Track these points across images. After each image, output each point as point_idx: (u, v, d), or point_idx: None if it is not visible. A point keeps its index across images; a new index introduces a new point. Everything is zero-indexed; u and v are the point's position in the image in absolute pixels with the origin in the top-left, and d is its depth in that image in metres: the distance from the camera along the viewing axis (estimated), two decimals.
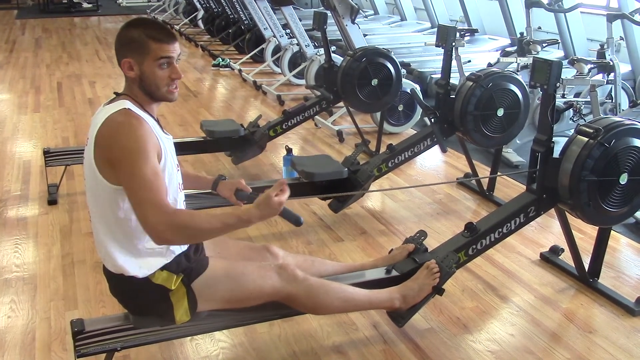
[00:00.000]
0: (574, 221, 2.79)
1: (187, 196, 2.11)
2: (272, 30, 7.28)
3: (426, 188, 4.01)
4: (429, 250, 2.55)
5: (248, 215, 1.83)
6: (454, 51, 4.05)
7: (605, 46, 4.46)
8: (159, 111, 2.01)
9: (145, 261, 1.90)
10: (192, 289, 1.96)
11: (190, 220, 1.77)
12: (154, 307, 1.97)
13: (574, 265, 2.87)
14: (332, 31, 6.02)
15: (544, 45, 5.17)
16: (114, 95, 1.94)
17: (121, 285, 1.96)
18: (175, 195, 1.93)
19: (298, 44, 6.51)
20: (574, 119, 4.53)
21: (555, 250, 3.07)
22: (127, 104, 1.84)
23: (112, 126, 1.79)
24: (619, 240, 3.29)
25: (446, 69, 3.74)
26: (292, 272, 2.09)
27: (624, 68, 5.02)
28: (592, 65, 4.31)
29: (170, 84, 1.90)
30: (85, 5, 15.13)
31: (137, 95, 1.90)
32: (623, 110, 4.33)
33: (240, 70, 7.55)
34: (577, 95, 4.96)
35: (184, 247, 1.99)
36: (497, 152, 3.85)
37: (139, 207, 1.74)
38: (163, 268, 1.92)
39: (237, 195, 2.11)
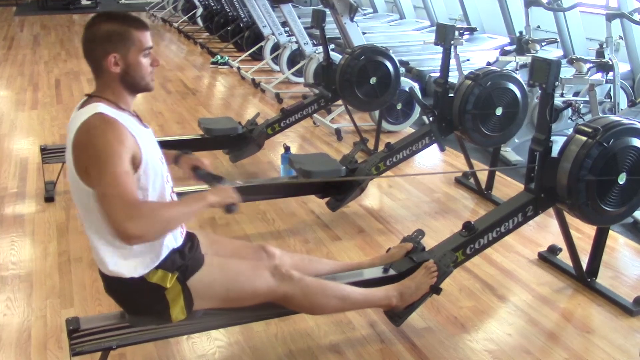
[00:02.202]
0: (572, 220, 2.79)
1: (179, 194, 2.09)
2: (270, 28, 7.28)
3: (424, 187, 4.00)
4: (426, 250, 2.55)
5: (202, 195, 1.87)
6: (452, 50, 4.04)
7: (604, 45, 4.46)
8: (157, 109, 1.99)
9: (139, 260, 1.88)
10: (188, 287, 1.94)
11: (152, 210, 1.73)
12: (150, 307, 1.96)
13: (572, 265, 2.86)
14: (331, 29, 6.01)
15: (543, 44, 5.18)
16: (86, 97, 1.88)
17: (116, 285, 1.94)
18: (162, 188, 1.90)
19: (297, 42, 6.50)
20: (573, 118, 4.53)
21: (553, 250, 3.06)
22: (99, 107, 1.78)
23: (85, 132, 1.74)
24: (617, 240, 3.28)
25: (445, 68, 3.73)
26: (287, 272, 2.08)
27: (622, 67, 5.01)
28: (591, 65, 4.31)
29: (151, 73, 1.89)
30: (84, 2, 15.10)
31: (115, 92, 1.85)
32: (622, 109, 4.33)
33: (238, 68, 7.53)
34: (575, 94, 4.95)
35: (179, 243, 1.98)
36: (495, 151, 3.85)
37: (107, 206, 1.69)
38: (158, 267, 1.90)
39: (195, 173, 2.15)
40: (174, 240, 1.96)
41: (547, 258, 3.04)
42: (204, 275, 1.97)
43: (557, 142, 2.63)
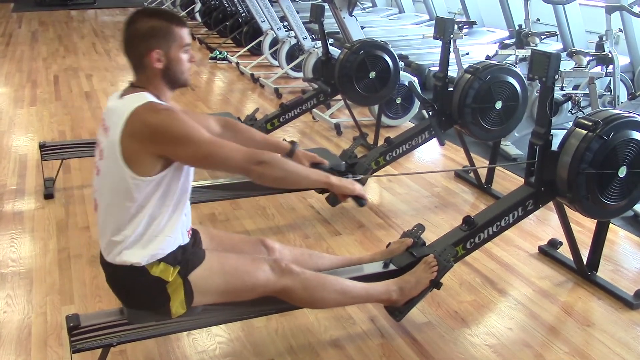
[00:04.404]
0: (573, 214, 2.78)
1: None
2: (269, 23, 7.25)
3: (424, 181, 3.99)
4: (426, 244, 2.54)
5: (327, 174, 2.06)
6: (452, 43, 4.03)
7: (604, 38, 4.44)
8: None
9: (151, 248, 1.89)
10: (189, 281, 1.95)
11: (273, 157, 1.93)
12: (150, 300, 1.96)
13: (572, 259, 2.86)
14: (330, 24, 5.98)
15: (543, 37, 5.15)
16: (127, 86, 1.94)
17: (119, 276, 1.95)
18: (189, 174, 1.96)
19: (295, 37, 6.48)
20: (573, 112, 4.52)
21: (554, 244, 3.06)
22: (148, 96, 1.85)
23: (146, 119, 1.79)
24: (617, 233, 3.28)
25: (444, 62, 3.72)
26: (287, 266, 2.08)
27: (622, 60, 5.00)
28: (591, 58, 4.30)
29: (189, 69, 1.96)
30: None
31: (156, 87, 1.91)
32: (622, 102, 4.32)
33: (237, 63, 7.51)
34: (575, 87, 4.94)
35: (186, 240, 1.99)
36: (495, 145, 3.84)
37: (226, 165, 1.88)
38: (161, 260, 1.91)
39: (318, 169, 2.26)
40: (181, 237, 1.98)
41: (548, 252, 3.04)
42: (205, 269, 1.98)
43: (557, 136, 2.62)
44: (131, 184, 1.82)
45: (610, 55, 4.24)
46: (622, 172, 2.50)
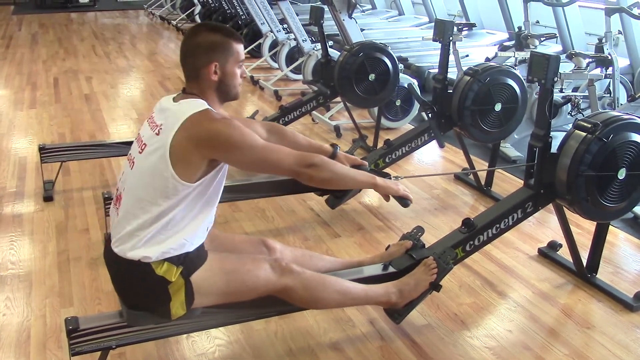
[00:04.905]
0: (572, 216, 2.78)
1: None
2: (269, 25, 7.26)
3: (423, 183, 3.99)
4: (426, 247, 2.54)
5: (372, 175, 2.15)
6: (451, 46, 4.03)
7: (603, 40, 4.44)
8: None
9: (164, 244, 1.91)
10: (190, 282, 1.95)
11: (323, 160, 2.01)
12: (151, 299, 1.96)
13: (572, 261, 2.86)
14: (330, 26, 5.99)
15: (542, 39, 5.16)
16: (178, 92, 2.01)
17: (123, 271, 1.96)
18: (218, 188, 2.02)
19: (295, 39, 6.49)
20: (572, 114, 4.51)
21: (553, 246, 3.06)
22: (205, 104, 1.93)
23: (206, 126, 1.86)
24: (617, 235, 3.28)
25: (444, 64, 3.72)
26: (287, 265, 2.09)
27: (622, 62, 5.01)
28: (590, 60, 4.30)
29: (240, 84, 2.06)
30: (82, 0, 15.06)
31: (209, 97, 1.98)
32: (621, 104, 4.32)
33: None
34: (575, 89, 4.94)
35: (199, 242, 2.00)
36: (494, 147, 3.84)
37: (278, 168, 1.98)
38: (165, 260, 1.92)
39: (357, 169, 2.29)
40: (196, 243, 1.99)
41: (547, 254, 3.04)
42: (206, 270, 1.99)
43: (557, 138, 2.62)
44: (170, 184, 1.86)
45: (609, 57, 4.24)
46: (622, 174, 2.50)
